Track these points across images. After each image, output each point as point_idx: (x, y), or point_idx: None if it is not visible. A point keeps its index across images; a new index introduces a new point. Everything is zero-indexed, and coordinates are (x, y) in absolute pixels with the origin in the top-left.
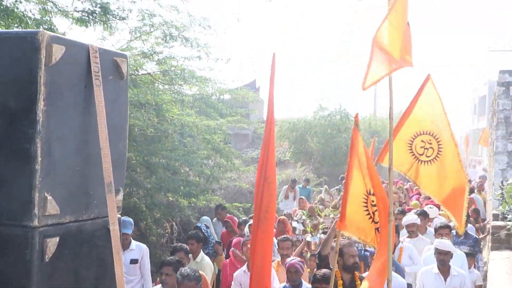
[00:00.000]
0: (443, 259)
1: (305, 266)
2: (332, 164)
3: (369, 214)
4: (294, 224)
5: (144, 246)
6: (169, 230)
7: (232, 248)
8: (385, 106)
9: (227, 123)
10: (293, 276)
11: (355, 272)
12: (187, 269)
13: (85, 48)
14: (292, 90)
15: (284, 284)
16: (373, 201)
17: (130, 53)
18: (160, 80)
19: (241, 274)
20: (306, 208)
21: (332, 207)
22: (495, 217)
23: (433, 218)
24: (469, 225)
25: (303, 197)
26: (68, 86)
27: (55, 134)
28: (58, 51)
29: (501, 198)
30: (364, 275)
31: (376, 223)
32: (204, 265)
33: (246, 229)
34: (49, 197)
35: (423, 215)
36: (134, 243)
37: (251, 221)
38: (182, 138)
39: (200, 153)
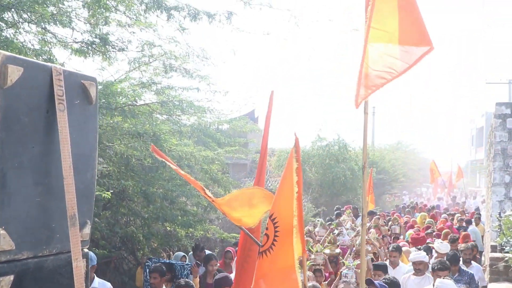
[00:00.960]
0: None
1: None
2: (330, 194)
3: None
4: None
5: (108, 284)
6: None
7: None
8: (383, 137)
9: (225, 153)
10: None
11: None
12: (181, 281)
13: (47, 70)
14: (291, 119)
15: None
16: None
17: (129, 83)
18: (158, 111)
19: None
20: None
21: (328, 242)
22: (493, 248)
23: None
24: (473, 263)
25: None
26: (26, 111)
27: (11, 163)
28: (14, 72)
29: (499, 230)
30: None
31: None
32: None
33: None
34: (2, 231)
35: (427, 251)
36: (97, 281)
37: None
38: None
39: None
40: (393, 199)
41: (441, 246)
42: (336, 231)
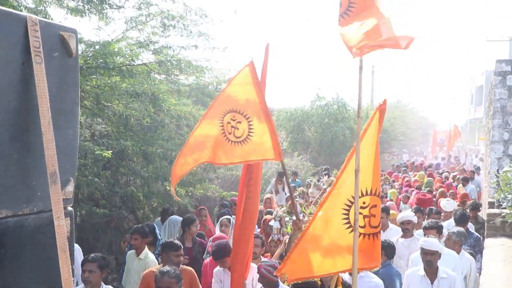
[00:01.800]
0: (429, 260)
1: None
2: (329, 153)
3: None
4: (271, 222)
5: (76, 246)
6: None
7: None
8: (383, 95)
9: None
10: (260, 280)
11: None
12: (166, 267)
13: (21, 20)
14: (289, 78)
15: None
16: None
17: (126, 43)
18: (156, 70)
19: (220, 272)
20: (273, 208)
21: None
22: (491, 205)
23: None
24: (469, 223)
25: (269, 195)
26: (0, 64)
27: None
28: None
29: (497, 186)
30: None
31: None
32: (148, 262)
33: (217, 229)
34: None
35: (420, 212)
36: None
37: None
38: (179, 128)
39: None
40: (391, 158)
41: (447, 203)
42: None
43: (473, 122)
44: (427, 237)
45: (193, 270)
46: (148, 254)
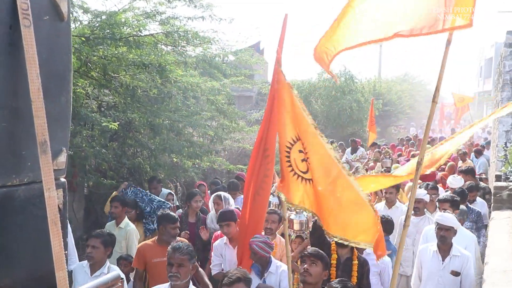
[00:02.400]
0: (443, 236)
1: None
2: (336, 126)
3: (292, 169)
4: (270, 198)
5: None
6: (173, 191)
7: None
8: (391, 68)
9: (231, 83)
10: (252, 256)
11: (354, 249)
12: (179, 242)
13: None
14: (297, 51)
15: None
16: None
17: (133, 13)
18: (163, 41)
19: (221, 246)
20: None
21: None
22: (498, 178)
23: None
24: (478, 198)
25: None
26: None
27: None
28: None
29: (504, 159)
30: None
31: (305, 173)
32: (129, 231)
33: (211, 204)
34: None
35: (435, 189)
36: None
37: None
38: (186, 99)
39: (203, 114)
40: (398, 131)
41: (453, 180)
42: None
43: (482, 95)
44: (443, 211)
45: (190, 244)
46: (128, 223)
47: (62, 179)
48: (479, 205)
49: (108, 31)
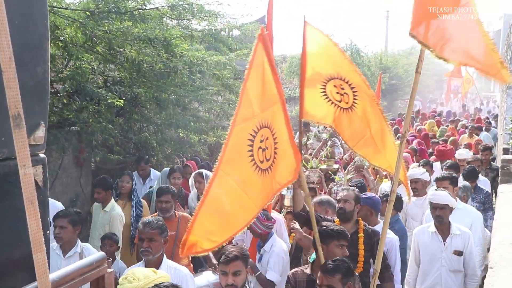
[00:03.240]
0: (439, 215)
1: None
2: None
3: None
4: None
5: (59, 205)
6: (180, 166)
7: None
8: (397, 42)
9: (237, 57)
10: (251, 232)
11: (360, 220)
12: (149, 217)
13: None
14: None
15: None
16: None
17: None
18: (168, 15)
19: None
20: None
21: (324, 156)
22: (505, 151)
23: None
24: (481, 176)
25: None
26: None
27: None
28: None
29: None
30: (378, 226)
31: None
32: (114, 215)
33: (191, 183)
34: None
35: (429, 165)
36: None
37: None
38: (192, 74)
39: (209, 89)
40: (405, 105)
41: (460, 151)
42: (329, 142)
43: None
44: (436, 189)
45: (188, 215)
46: (114, 206)
47: (42, 155)
48: (482, 183)
49: (113, 5)
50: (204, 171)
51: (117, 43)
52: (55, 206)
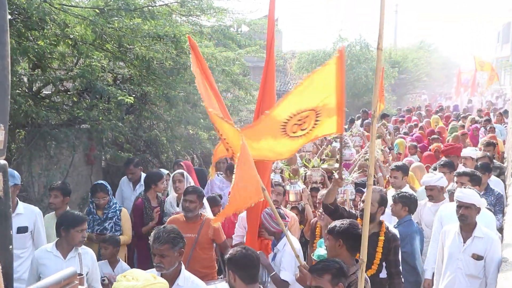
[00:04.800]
0: (463, 214)
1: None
2: (352, 95)
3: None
4: (272, 175)
5: (36, 209)
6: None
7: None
8: (406, 36)
9: (246, 53)
10: (261, 232)
11: (383, 222)
12: (161, 229)
13: None
14: (312, 20)
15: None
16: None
17: None
18: (177, 11)
19: (245, 218)
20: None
21: (325, 155)
22: None
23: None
24: (493, 177)
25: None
26: None
27: None
28: None
29: None
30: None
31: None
32: None
33: (170, 186)
34: None
35: (448, 166)
36: (22, 206)
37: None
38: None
39: (219, 86)
40: (414, 99)
41: (466, 150)
42: (333, 143)
43: (500, 60)
44: (464, 187)
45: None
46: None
47: (2, 161)
48: (493, 183)
49: (122, 2)
50: (185, 172)
51: (126, 40)
52: (32, 211)
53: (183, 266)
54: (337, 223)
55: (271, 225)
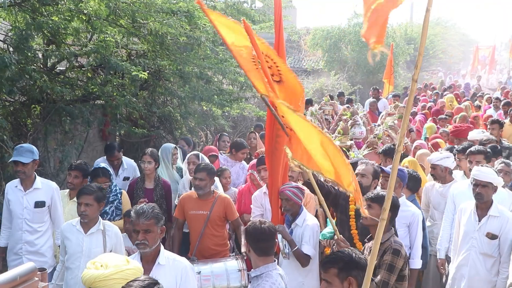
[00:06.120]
0: (479, 193)
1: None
2: (366, 72)
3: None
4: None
5: (54, 185)
6: (203, 139)
7: (250, 170)
8: (423, 11)
9: (260, 29)
10: (284, 204)
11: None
12: (143, 206)
13: None
14: None
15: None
16: None
17: None
18: None
19: (261, 196)
20: None
21: (338, 132)
22: None
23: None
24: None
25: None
26: None
27: None
28: None
29: None
30: (401, 199)
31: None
32: None
33: (185, 167)
34: None
35: (464, 152)
36: (40, 181)
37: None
38: (215, 46)
39: (233, 61)
40: (430, 77)
41: (472, 133)
42: (350, 121)
43: None
44: (481, 165)
45: (228, 197)
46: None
47: None
48: None
49: None
50: (200, 153)
51: (140, 15)
52: (50, 186)
53: (162, 246)
54: (381, 191)
55: (298, 196)
